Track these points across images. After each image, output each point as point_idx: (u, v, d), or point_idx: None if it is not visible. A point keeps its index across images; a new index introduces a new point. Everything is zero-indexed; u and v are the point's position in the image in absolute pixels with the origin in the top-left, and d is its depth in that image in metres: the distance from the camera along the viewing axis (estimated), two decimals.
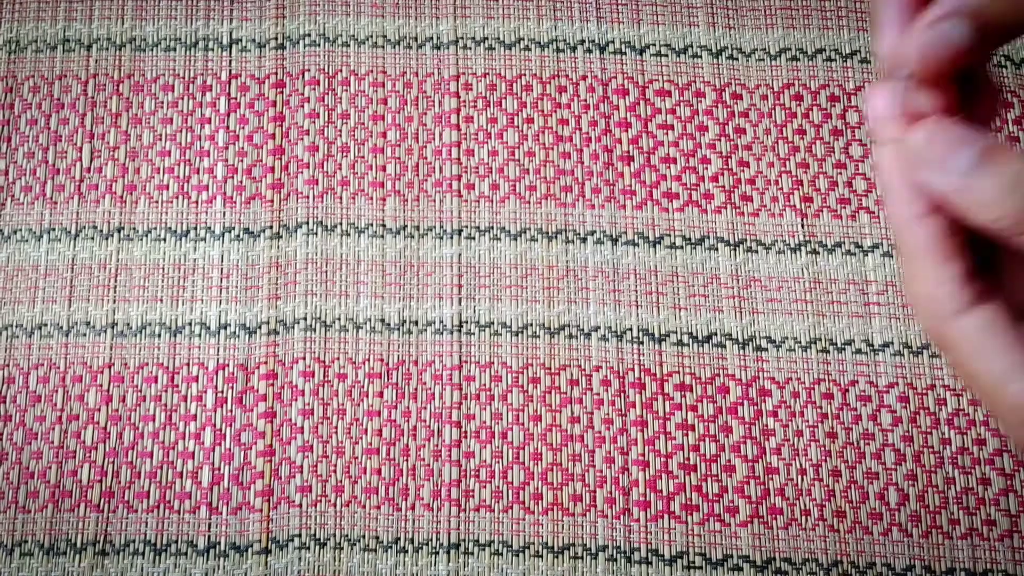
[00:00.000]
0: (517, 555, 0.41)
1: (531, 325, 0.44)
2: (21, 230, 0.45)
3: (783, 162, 0.46)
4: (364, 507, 0.42)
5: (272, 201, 0.46)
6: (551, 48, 0.47)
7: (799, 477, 0.42)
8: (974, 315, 0.25)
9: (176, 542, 0.42)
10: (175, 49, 0.48)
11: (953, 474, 0.42)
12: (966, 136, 0.23)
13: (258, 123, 0.47)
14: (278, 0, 0.48)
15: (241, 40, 0.48)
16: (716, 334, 0.44)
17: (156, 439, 0.43)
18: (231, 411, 0.43)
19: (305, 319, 0.44)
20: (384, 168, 0.46)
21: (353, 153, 0.46)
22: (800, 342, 0.44)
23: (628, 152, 0.46)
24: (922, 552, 0.41)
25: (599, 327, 0.44)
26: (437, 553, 0.41)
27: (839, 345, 0.43)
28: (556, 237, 0.45)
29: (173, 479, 0.42)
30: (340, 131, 0.47)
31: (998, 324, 0.24)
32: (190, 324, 0.44)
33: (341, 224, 0.45)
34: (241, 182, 0.46)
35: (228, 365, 0.44)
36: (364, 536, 0.42)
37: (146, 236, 0.45)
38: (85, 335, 0.44)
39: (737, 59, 0.47)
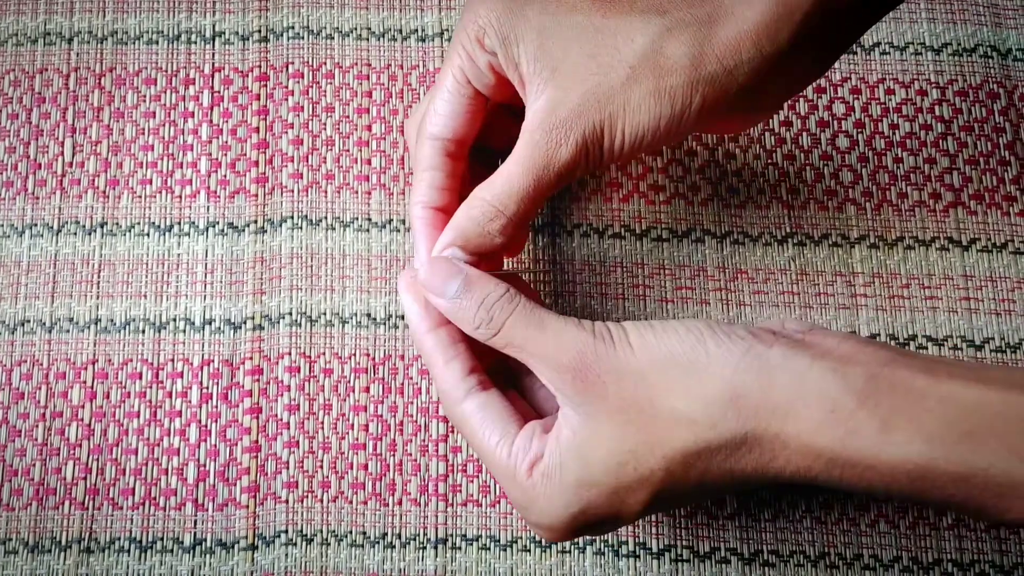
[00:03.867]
0: (505, 550, 0.41)
1: None
2: (3, 226, 0.45)
3: (769, 154, 0.46)
4: (351, 503, 0.42)
5: (256, 195, 0.45)
6: None
7: None
8: (472, 400, 0.33)
9: (162, 539, 0.42)
10: (157, 42, 0.47)
11: None
12: (455, 270, 0.33)
13: (242, 117, 0.46)
14: None
15: (224, 33, 0.48)
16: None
17: (141, 436, 0.43)
18: (216, 407, 0.43)
19: (290, 314, 0.44)
20: (369, 162, 0.46)
21: (338, 147, 0.46)
22: None
23: None
24: (909, 543, 0.41)
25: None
26: (424, 548, 0.41)
27: None
28: (543, 230, 0.45)
29: (158, 476, 0.42)
30: (325, 124, 0.46)
31: (491, 406, 0.33)
32: (174, 320, 0.44)
33: (326, 218, 0.45)
34: (225, 176, 0.46)
35: (213, 361, 0.43)
36: (351, 532, 0.41)
37: (129, 231, 0.45)
38: (68, 331, 0.44)
39: None
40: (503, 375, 0.36)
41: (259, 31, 0.47)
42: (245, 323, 0.44)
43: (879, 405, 0.28)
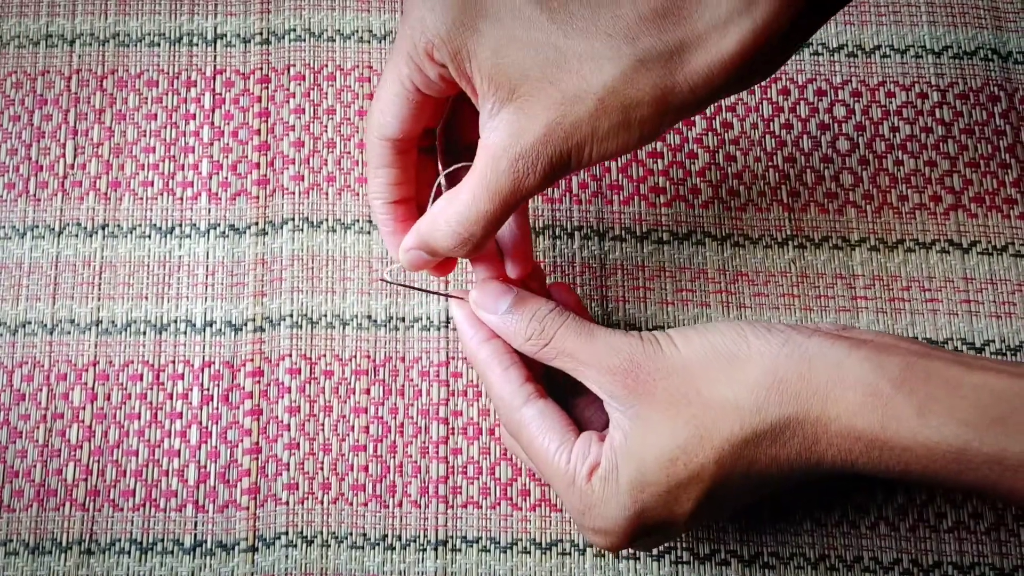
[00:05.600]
0: (505, 552, 0.41)
1: None
2: (4, 227, 0.45)
3: (770, 156, 0.46)
4: (351, 504, 0.42)
5: (258, 197, 0.45)
6: None
7: None
8: (531, 407, 0.34)
9: (162, 541, 0.42)
10: (159, 44, 0.48)
11: None
12: (504, 289, 0.35)
13: (243, 119, 0.46)
14: None
15: (226, 35, 0.48)
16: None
17: (141, 437, 0.43)
18: (217, 409, 0.43)
19: (291, 316, 0.44)
20: None
21: (339, 149, 0.46)
22: None
23: None
24: (909, 546, 0.41)
25: None
26: (425, 550, 0.41)
27: None
28: (543, 233, 0.45)
29: (159, 477, 0.42)
30: (326, 127, 0.46)
31: (549, 414, 0.34)
32: (175, 321, 0.44)
33: (327, 220, 0.45)
34: (226, 178, 0.46)
35: (214, 363, 0.43)
36: (351, 533, 0.42)
37: (131, 233, 0.45)
38: (69, 333, 0.44)
39: None
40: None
41: (260, 33, 0.48)
42: (246, 325, 0.44)
43: (915, 391, 0.29)
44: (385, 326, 0.44)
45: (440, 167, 0.37)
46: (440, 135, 0.37)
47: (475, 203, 0.31)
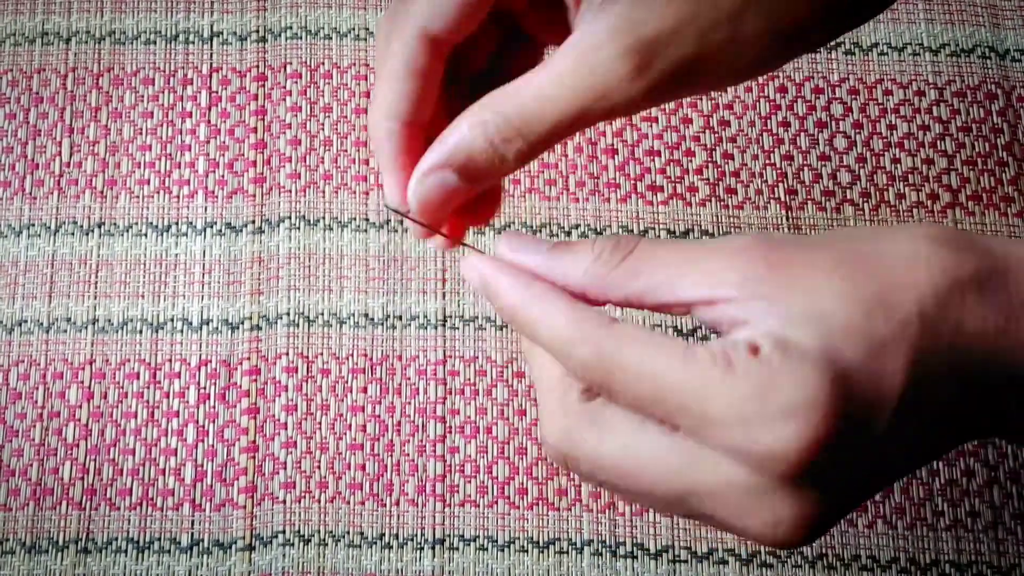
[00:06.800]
0: (502, 550, 0.41)
1: None
2: (0, 226, 0.45)
3: (767, 154, 0.46)
4: (348, 503, 0.42)
5: (254, 196, 0.45)
6: None
7: None
8: (623, 324, 0.25)
9: (159, 539, 0.41)
10: (155, 42, 0.47)
11: (938, 467, 0.42)
12: (536, 239, 0.27)
13: (240, 117, 0.46)
14: None
15: (222, 33, 0.48)
16: (701, 327, 0.44)
17: (138, 436, 0.43)
18: (214, 407, 0.43)
19: (288, 314, 0.44)
20: (367, 162, 0.46)
21: (336, 147, 0.46)
22: None
23: (612, 145, 0.46)
24: (907, 544, 0.41)
25: None
26: (422, 549, 0.41)
27: None
28: (540, 231, 0.45)
29: (156, 476, 0.42)
30: (323, 125, 0.46)
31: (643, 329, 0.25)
32: (172, 320, 0.44)
33: (324, 218, 0.45)
34: (223, 176, 0.46)
35: (211, 361, 0.43)
36: (348, 532, 0.41)
37: (127, 231, 0.45)
38: (66, 331, 0.44)
39: None
40: None
41: (257, 31, 0.47)
42: (243, 323, 0.44)
43: None
44: (382, 324, 0.44)
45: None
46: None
47: (550, 97, 0.24)
